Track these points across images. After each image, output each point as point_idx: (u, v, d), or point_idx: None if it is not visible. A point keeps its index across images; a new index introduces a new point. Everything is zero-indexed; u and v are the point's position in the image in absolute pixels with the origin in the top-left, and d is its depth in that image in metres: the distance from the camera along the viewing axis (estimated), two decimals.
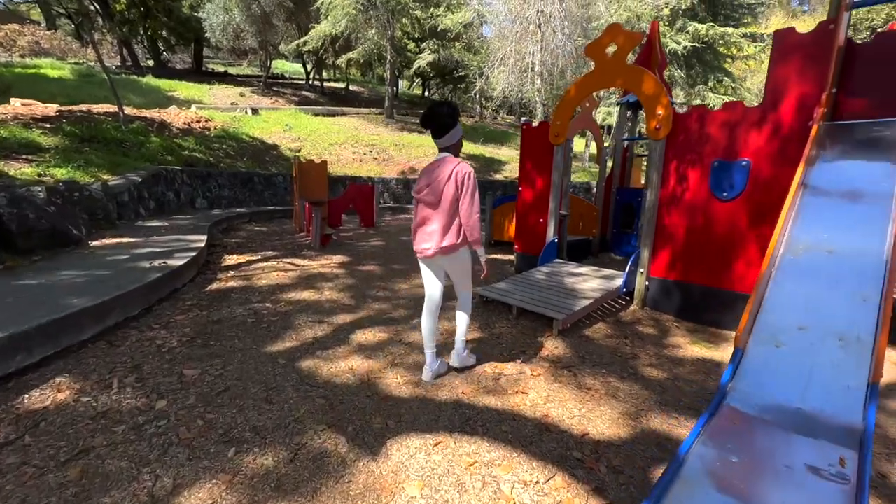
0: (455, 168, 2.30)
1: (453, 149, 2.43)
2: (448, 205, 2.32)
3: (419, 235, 2.47)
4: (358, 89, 28.35)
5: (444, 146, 2.40)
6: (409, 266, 5.47)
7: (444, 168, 2.32)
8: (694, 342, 3.47)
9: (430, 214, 2.39)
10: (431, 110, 2.34)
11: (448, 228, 2.36)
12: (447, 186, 2.30)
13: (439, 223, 2.36)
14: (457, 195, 2.31)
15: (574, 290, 3.93)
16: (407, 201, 13.22)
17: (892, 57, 3.39)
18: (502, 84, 13.87)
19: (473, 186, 2.31)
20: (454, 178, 2.28)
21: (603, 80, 4.31)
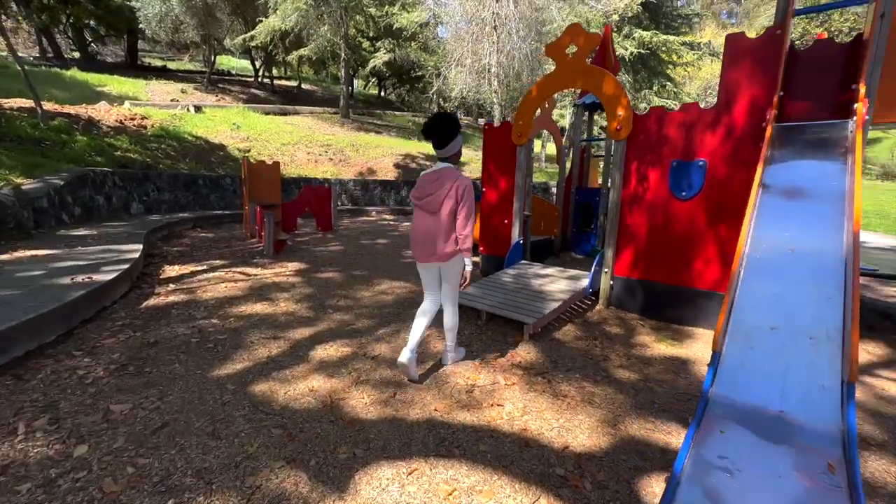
0: (456, 182, 2.44)
1: (454, 159, 2.57)
2: (447, 215, 2.46)
3: (419, 242, 2.58)
4: (311, 88, 27.40)
5: (444, 156, 2.54)
6: (371, 271, 5.23)
7: (445, 179, 2.45)
8: (659, 340, 3.51)
9: (430, 223, 2.52)
10: (434, 121, 2.48)
11: (448, 237, 2.50)
12: (448, 198, 2.43)
13: (439, 232, 2.49)
14: (455, 207, 2.45)
15: (542, 293, 3.88)
16: (366, 203, 12.86)
17: (827, 62, 3.61)
18: (460, 85, 13.84)
19: (471, 200, 2.47)
20: (455, 191, 2.43)
21: (564, 80, 4.30)
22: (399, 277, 5.04)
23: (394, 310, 3.92)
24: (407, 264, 5.77)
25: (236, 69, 27.89)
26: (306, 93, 25.64)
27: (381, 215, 11.80)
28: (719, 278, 3.62)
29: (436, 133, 2.47)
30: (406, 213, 12.38)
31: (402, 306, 4.03)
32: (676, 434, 2.20)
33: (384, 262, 5.85)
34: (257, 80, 23.55)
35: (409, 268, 5.56)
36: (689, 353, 3.25)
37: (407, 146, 16.84)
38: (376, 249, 6.72)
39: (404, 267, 5.61)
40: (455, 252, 2.53)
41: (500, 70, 13.40)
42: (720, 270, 3.61)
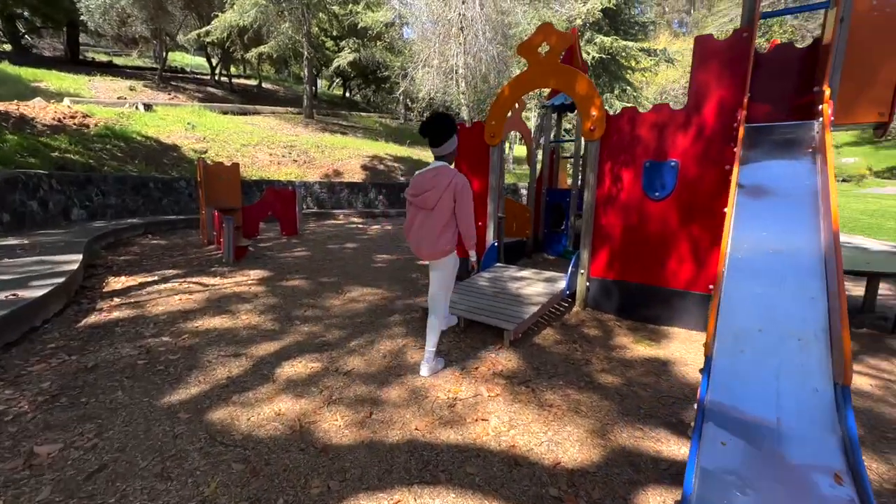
0: (453, 179, 2.45)
1: (449, 157, 2.58)
2: (442, 213, 2.47)
3: (413, 240, 2.62)
4: (272, 87, 26.45)
5: (440, 155, 2.55)
6: (340, 278, 4.98)
7: (441, 178, 2.45)
8: (637, 341, 3.49)
9: (424, 220, 2.53)
10: (431, 121, 2.50)
11: (441, 235, 2.51)
12: (444, 196, 2.44)
13: (433, 229, 2.51)
14: (452, 205, 2.47)
15: (520, 296, 3.78)
16: (332, 206, 12.46)
17: (786, 66, 3.72)
18: (427, 86, 13.70)
19: (469, 197, 2.50)
20: (451, 189, 2.44)
21: (537, 79, 4.24)
22: (370, 284, 4.82)
23: (367, 319, 3.71)
24: (378, 269, 5.55)
25: (191, 66, 26.51)
26: (267, 92, 24.73)
27: (349, 218, 11.46)
28: (693, 277, 3.65)
29: (432, 132, 2.48)
30: (374, 215, 12.10)
31: (375, 314, 3.82)
32: (666, 441, 2.14)
33: (354, 267, 5.60)
34: (214, 79, 22.46)
35: (381, 273, 5.35)
36: (668, 354, 3.24)
37: (374, 147, 16.52)
38: (345, 254, 6.45)
39: (375, 272, 5.39)
40: (448, 251, 2.56)
41: (468, 71, 13.38)
42: (693, 270, 3.64)
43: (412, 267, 5.74)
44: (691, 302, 3.69)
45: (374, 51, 20.61)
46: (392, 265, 5.84)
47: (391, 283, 4.88)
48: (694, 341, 3.49)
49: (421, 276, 5.26)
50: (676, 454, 2.03)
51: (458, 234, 2.59)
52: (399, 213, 12.44)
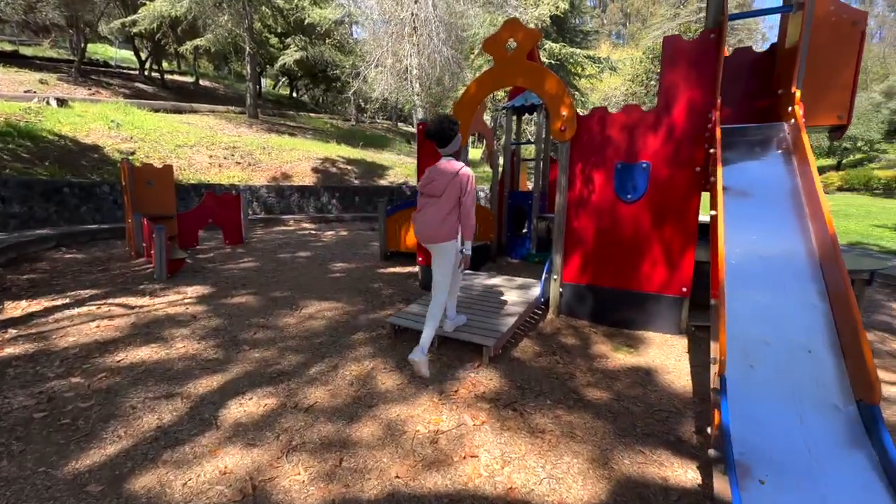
0: (461, 169, 2.64)
1: (455, 155, 2.79)
2: (449, 199, 2.64)
3: (420, 225, 2.76)
4: (212, 85, 24.69)
5: (447, 153, 2.77)
6: (294, 292, 4.51)
7: (450, 166, 2.65)
8: (616, 348, 3.37)
9: (431, 207, 2.69)
10: (437, 125, 2.68)
11: (445, 221, 2.66)
12: (452, 183, 2.62)
13: (437, 215, 2.66)
14: (458, 193, 2.63)
15: (495, 307, 3.55)
16: (281, 211, 11.68)
17: (745, 70, 3.79)
18: (381, 86, 13.28)
19: (473, 189, 2.65)
20: (459, 177, 2.62)
21: (503, 77, 4.05)
22: (329, 297, 4.39)
23: (327, 338, 3.31)
24: (336, 280, 5.11)
25: (117, 60, 24.11)
26: (206, 90, 23.03)
27: (300, 224, 10.77)
28: (666, 280, 3.60)
29: (437, 135, 2.68)
30: (328, 220, 11.48)
31: (336, 333, 3.43)
32: (669, 464, 1.97)
33: (309, 278, 5.12)
34: (143, 74, 20.53)
35: (340, 284, 4.92)
36: (649, 361, 3.14)
37: (326, 150, 15.79)
38: (298, 264, 5.93)
39: (333, 283, 4.95)
40: (449, 238, 2.71)
41: (422, 72, 13.12)
42: (666, 273, 3.59)
43: (373, 276, 5.36)
44: (665, 305, 3.65)
45: (322, 49, 19.79)
46: (351, 274, 5.42)
47: (352, 295, 4.48)
48: (670, 345, 3.43)
49: (384, 286, 4.90)
50: (683, 480, 1.86)
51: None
52: (354, 218, 11.91)
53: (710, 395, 2.63)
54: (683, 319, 3.61)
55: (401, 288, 4.89)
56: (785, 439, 1.48)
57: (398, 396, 2.49)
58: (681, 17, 40.30)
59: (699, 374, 2.93)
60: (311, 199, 12.32)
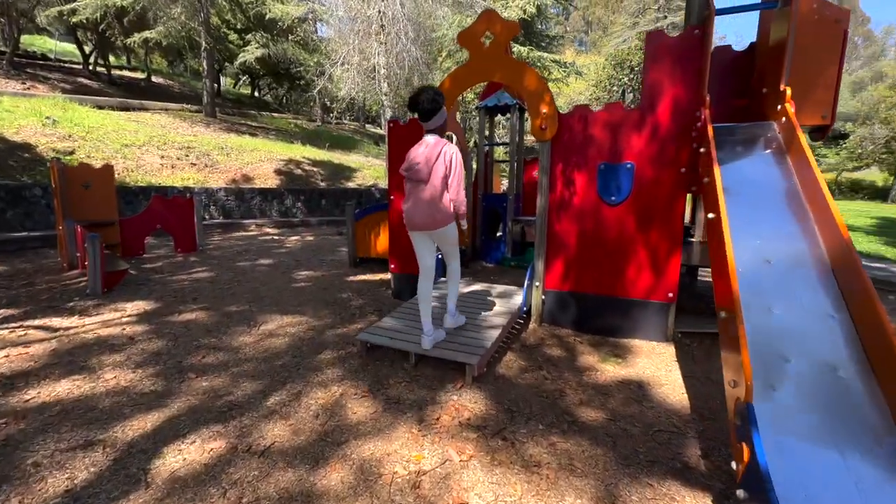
0: (444, 148, 2.56)
1: (438, 130, 2.68)
2: (439, 182, 2.56)
3: (411, 211, 2.69)
4: (166, 82, 23.27)
5: (431, 128, 2.66)
6: (253, 305, 4.07)
7: (434, 148, 2.57)
8: (603, 359, 3.18)
9: (421, 192, 2.61)
10: (419, 95, 2.58)
11: (439, 205, 2.59)
12: (437, 165, 2.54)
13: (431, 200, 2.58)
14: (446, 173, 2.56)
15: (476, 318, 3.28)
16: (242, 215, 10.99)
17: (722, 69, 3.72)
18: (347, 85, 12.81)
19: (461, 166, 2.59)
20: (443, 157, 2.54)
21: (480, 72, 3.80)
22: (292, 310, 3.99)
23: (289, 360, 2.94)
24: (300, 290, 4.70)
25: (57, 53, 22.27)
26: (159, 87, 21.66)
27: (262, 229, 10.15)
28: (652, 286, 3.45)
29: (421, 106, 2.57)
30: (293, 225, 10.90)
31: (300, 353, 3.06)
32: (682, 499, 1.75)
33: (270, 289, 4.68)
34: (88, 68, 19.02)
35: (304, 295, 4.52)
36: (639, 373, 2.96)
37: (290, 151, 15.11)
38: (259, 273, 5.46)
39: (297, 294, 4.54)
40: (449, 219, 2.67)
41: (391, 72, 12.77)
42: (652, 278, 3.44)
43: (341, 284, 4.98)
44: (651, 311, 3.50)
45: (285, 46, 19.02)
46: (317, 284, 5.01)
47: (318, 308, 4.10)
48: (658, 354, 3.27)
49: (353, 296, 4.54)
50: None
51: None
52: (321, 222, 11.38)
53: (708, 411, 2.48)
54: (670, 326, 3.47)
55: (372, 297, 4.54)
56: (826, 475, 1.28)
57: (372, 429, 2.17)
58: (640, 26, 41.91)
59: (694, 387, 2.77)
60: (275, 203, 11.69)
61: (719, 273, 1.97)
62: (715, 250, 2.11)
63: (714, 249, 2.14)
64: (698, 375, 2.94)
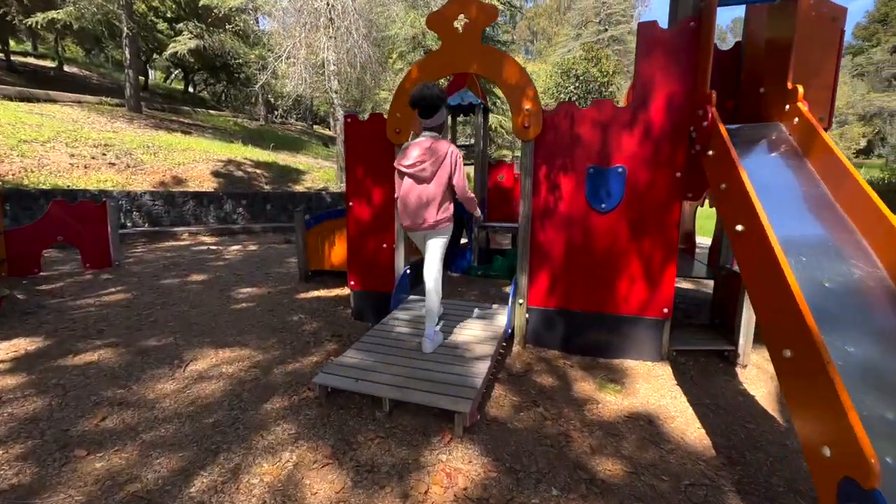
0: (448, 148, 2.61)
1: (439, 128, 2.72)
2: (439, 182, 2.60)
3: (409, 211, 2.68)
4: (81, 72, 20.69)
5: (430, 126, 2.68)
6: (179, 336, 3.31)
7: (437, 149, 2.60)
8: (601, 387, 2.82)
9: (421, 191, 2.62)
10: (420, 91, 2.60)
11: (438, 206, 2.63)
12: (443, 166, 2.59)
13: (430, 200, 2.61)
14: (450, 172, 2.61)
15: (458, 347, 2.79)
16: (172, 222, 9.74)
17: None
18: (294, 81, 11.87)
19: (462, 166, 2.68)
20: (449, 158, 2.60)
21: (453, 61, 3.34)
22: (230, 341, 3.28)
23: (225, 414, 2.28)
24: (242, 312, 3.96)
25: None
26: (73, 77, 19.19)
27: (197, 238, 9.02)
28: (645, 301, 3.15)
29: (422, 102, 2.59)
30: (233, 232, 9.82)
31: (240, 403, 2.40)
32: None
33: (203, 314, 3.91)
34: None
35: (246, 318, 3.80)
36: (644, 404, 2.62)
37: (229, 151, 13.81)
38: (190, 292, 4.61)
39: (238, 319, 3.81)
40: (448, 220, 2.70)
41: (341, 69, 12.00)
42: (646, 292, 3.14)
43: (291, 303, 4.29)
44: (644, 329, 3.20)
45: (222, 38, 17.52)
46: (262, 304, 4.29)
47: (263, 336, 3.42)
48: (657, 377, 2.97)
49: (306, 318, 3.89)
50: None
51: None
52: (266, 229, 10.37)
53: (735, 451, 2.15)
54: (665, 344, 3.19)
55: (328, 319, 3.91)
56: None
57: (341, 500, 1.61)
58: (583, 38, 43.80)
59: (707, 418, 2.46)
60: (212, 208, 10.51)
61: (768, 299, 1.63)
62: (755, 271, 1.78)
63: (752, 270, 1.81)
64: (706, 402, 2.65)
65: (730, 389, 2.84)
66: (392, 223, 3.72)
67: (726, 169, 2.19)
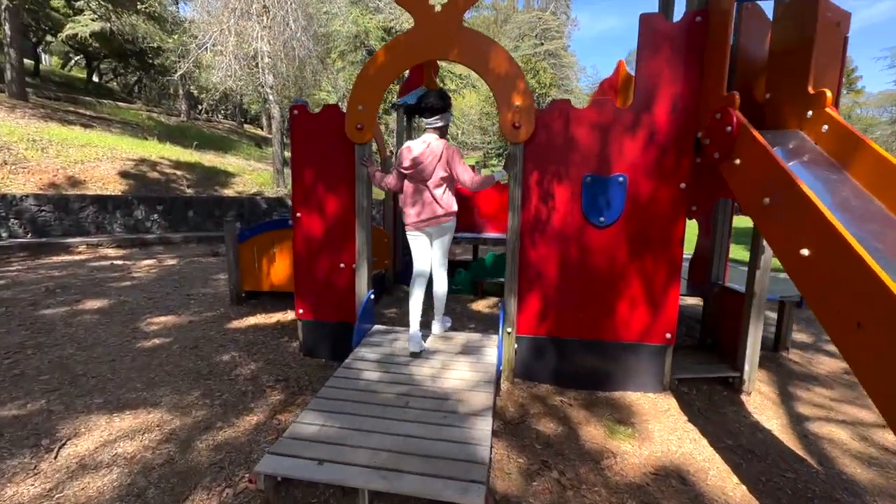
0: (443, 150, 2.64)
1: (440, 130, 2.73)
2: (439, 182, 2.66)
3: (413, 210, 2.73)
4: None
5: (433, 126, 2.71)
6: (57, 396, 2.40)
7: (436, 148, 2.64)
8: (611, 432, 2.41)
9: (424, 191, 2.69)
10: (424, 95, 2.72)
11: (443, 198, 2.68)
12: (440, 166, 2.63)
13: (436, 196, 2.67)
14: (447, 173, 2.66)
15: (448, 398, 2.22)
16: (65, 232, 8.09)
17: None
18: (222, 72, 10.57)
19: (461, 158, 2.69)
20: (445, 158, 2.64)
21: (428, 45, 2.79)
22: (133, 399, 2.43)
23: None
24: (152, 352, 3.07)
25: None
26: None
27: (97, 251, 7.53)
28: (647, 325, 2.81)
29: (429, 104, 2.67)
30: (146, 243, 8.40)
31: None
32: None
33: (96, 360, 2.96)
34: None
35: (159, 362, 2.93)
36: (664, 453, 2.24)
37: (142, 148, 12.03)
38: (80, 327, 3.57)
39: (146, 362, 2.93)
40: (453, 215, 2.75)
41: (277, 62, 10.92)
42: (648, 316, 2.80)
43: (220, 337, 3.46)
44: (646, 356, 2.86)
45: (133, 22, 15.42)
46: (182, 338, 3.40)
47: (182, 387, 2.60)
48: (664, 413, 2.63)
49: (241, 357, 3.11)
50: None
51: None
52: (187, 239, 9.01)
53: None
54: (667, 373, 2.87)
55: (270, 358, 3.15)
56: None
57: None
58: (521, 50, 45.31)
59: (740, 467, 2.13)
60: (118, 214, 8.94)
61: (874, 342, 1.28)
62: (839, 306, 1.43)
63: (834, 304, 1.46)
64: (728, 444, 2.34)
65: (745, 424, 2.56)
66: (351, 238, 3.07)
67: (771, 180, 1.87)
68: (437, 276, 2.92)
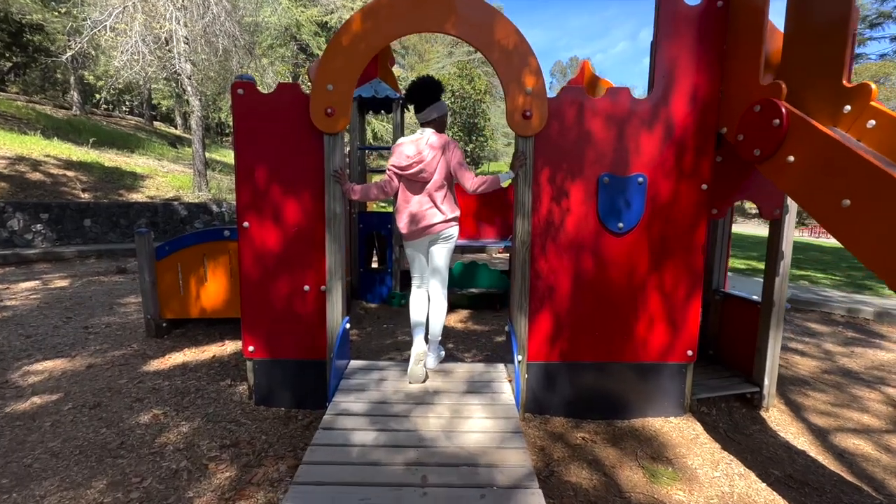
0: (446, 145, 2.30)
1: (432, 123, 2.36)
2: (443, 179, 2.32)
3: (410, 218, 2.36)
4: None
5: (425, 120, 2.36)
6: None
7: (432, 146, 2.28)
8: (653, 477, 2.05)
9: (422, 194, 2.33)
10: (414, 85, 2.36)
11: (444, 204, 2.35)
12: (441, 165, 2.28)
13: (433, 202, 2.33)
14: (448, 167, 2.31)
15: (476, 466, 1.69)
16: None
17: None
18: (126, 56, 8.98)
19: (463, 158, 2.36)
20: (447, 153, 2.30)
21: (418, 14, 2.25)
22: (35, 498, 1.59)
23: None
24: (36, 417, 2.16)
25: None
26: None
27: None
28: (669, 343, 2.52)
29: (417, 96, 2.34)
30: (27, 260, 6.77)
31: None
32: None
33: None
34: None
35: (51, 433, 2.05)
36: (719, 497, 1.92)
37: (21, 145, 9.91)
38: None
39: (23, 437, 2.03)
40: (455, 221, 2.42)
41: (196, 48, 9.56)
42: (669, 332, 2.51)
43: (136, 388, 2.60)
44: (666, 377, 2.57)
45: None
46: (76, 392, 2.50)
47: (78, 478, 1.80)
48: (695, 441, 2.34)
49: (168, 416, 2.31)
50: None
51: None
52: (83, 253, 7.44)
53: None
54: (687, 394, 2.59)
55: (209, 413, 2.39)
56: None
57: None
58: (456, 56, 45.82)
59: (795, 501, 1.86)
60: None
61: None
62: None
63: None
64: (777, 475, 2.08)
65: (776, 446, 2.35)
66: (319, 253, 2.42)
67: (852, 179, 1.61)
68: (435, 294, 2.50)
